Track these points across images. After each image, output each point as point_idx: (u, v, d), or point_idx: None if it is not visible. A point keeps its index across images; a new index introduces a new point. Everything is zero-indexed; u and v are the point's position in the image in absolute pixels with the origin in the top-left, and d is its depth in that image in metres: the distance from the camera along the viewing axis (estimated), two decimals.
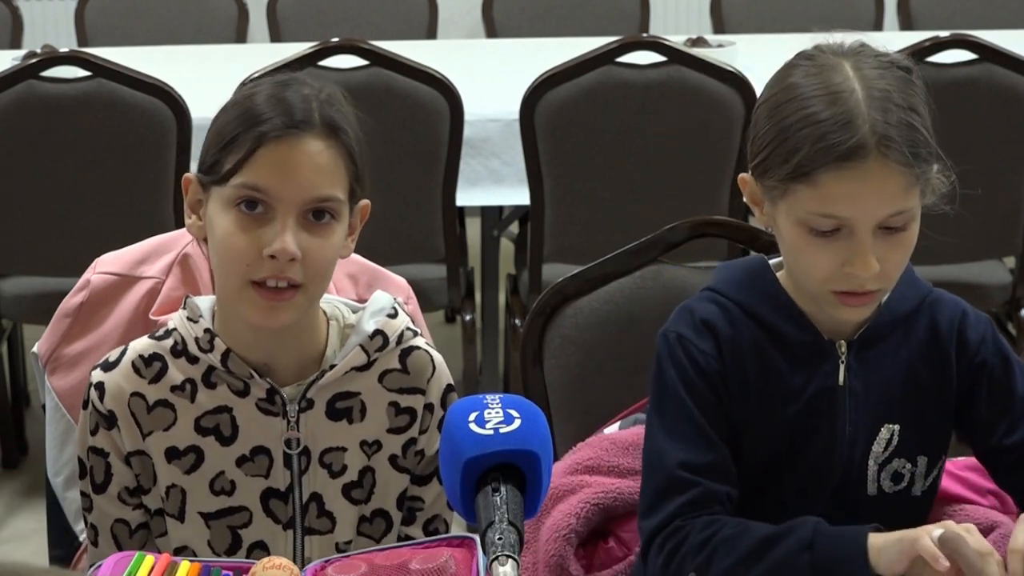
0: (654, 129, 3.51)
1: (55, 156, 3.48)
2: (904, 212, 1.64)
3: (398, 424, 1.83)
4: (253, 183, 1.69)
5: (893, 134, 1.61)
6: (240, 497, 1.80)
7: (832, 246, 1.65)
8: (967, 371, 1.76)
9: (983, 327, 1.77)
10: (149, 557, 1.54)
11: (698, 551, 1.68)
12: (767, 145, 1.67)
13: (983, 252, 3.63)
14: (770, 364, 1.75)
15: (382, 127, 3.47)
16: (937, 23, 4.89)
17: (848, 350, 1.74)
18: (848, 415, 1.74)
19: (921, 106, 1.66)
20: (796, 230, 1.67)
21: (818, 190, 1.63)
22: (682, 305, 1.81)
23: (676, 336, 1.77)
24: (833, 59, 1.68)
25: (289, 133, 1.69)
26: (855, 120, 1.62)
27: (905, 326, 1.76)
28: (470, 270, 3.96)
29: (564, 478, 1.95)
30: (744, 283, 1.79)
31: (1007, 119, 3.48)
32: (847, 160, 1.61)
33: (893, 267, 1.67)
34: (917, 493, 1.78)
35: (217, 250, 1.73)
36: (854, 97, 1.63)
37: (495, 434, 1.34)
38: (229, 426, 1.79)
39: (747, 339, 1.76)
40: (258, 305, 1.70)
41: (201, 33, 5.11)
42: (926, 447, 1.77)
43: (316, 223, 1.71)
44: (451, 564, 1.48)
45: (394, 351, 1.83)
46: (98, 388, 1.79)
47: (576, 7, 5.27)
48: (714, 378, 1.75)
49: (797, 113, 1.65)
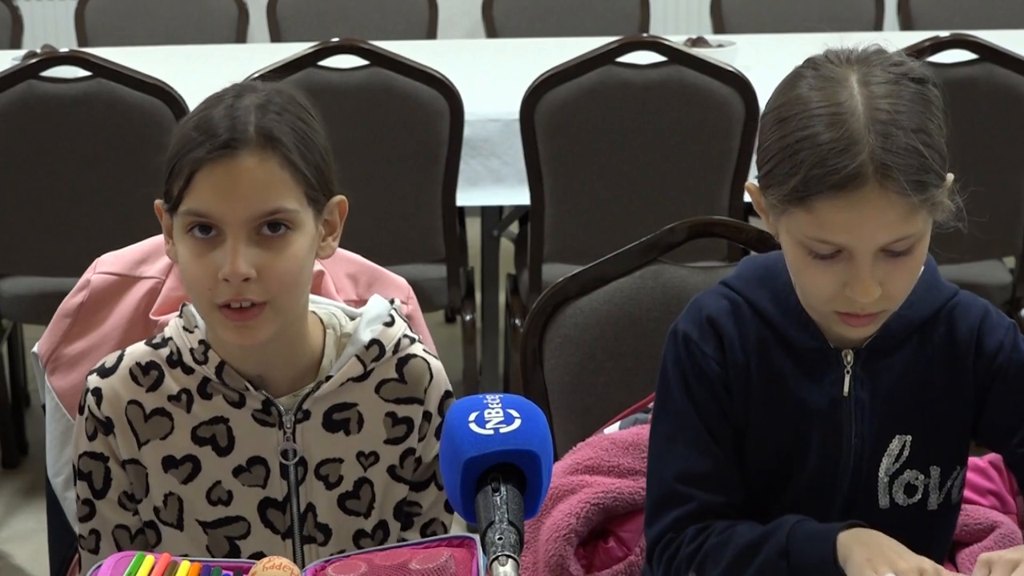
0: (654, 129, 3.51)
1: (55, 156, 3.48)
2: (907, 237, 1.58)
3: (395, 435, 1.83)
4: (197, 209, 1.67)
5: (893, 162, 1.54)
6: (238, 507, 1.80)
7: (832, 269, 1.60)
8: (984, 377, 1.70)
9: (1004, 331, 1.71)
10: (149, 557, 1.54)
11: (690, 561, 1.69)
12: (769, 160, 1.63)
13: (983, 252, 3.63)
14: (775, 366, 1.72)
15: (382, 127, 3.49)
16: (937, 23, 4.89)
17: (855, 359, 1.70)
18: (854, 427, 1.70)
19: (932, 124, 1.59)
20: (797, 250, 1.63)
21: (814, 216, 1.58)
22: (696, 297, 1.78)
23: (682, 336, 1.74)
24: (840, 71, 1.61)
25: (222, 153, 1.66)
26: (853, 146, 1.55)
27: (920, 334, 1.71)
28: (470, 270, 3.96)
29: (564, 478, 1.94)
30: (758, 280, 1.75)
31: (1007, 119, 3.48)
32: (843, 189, 1.55)
33: (898, 289, 1.62)
34: (933, 507, 1.73)
35: (182, 278, 1.73)
36: (855, 120, 1.56)
37: (495, 434, 1.34)
38: (225, 436, 1.78)
39: (753, 338, 1.72)
40: (228, 326, 1.69)
41: (201, 33, 5.11)
42: (939, 457, 1.72)
43: (272, 236, 1.68)
44: (451, 564, 1.48)
45: (391, 360, 1.82)
46: (95, 394, 1.79)
47: (576, 7, 5.27)
48: (716, 384, 1.72)
49: (797, 132, 1.58)
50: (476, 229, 4.05)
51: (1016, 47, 3.54)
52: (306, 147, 1.70)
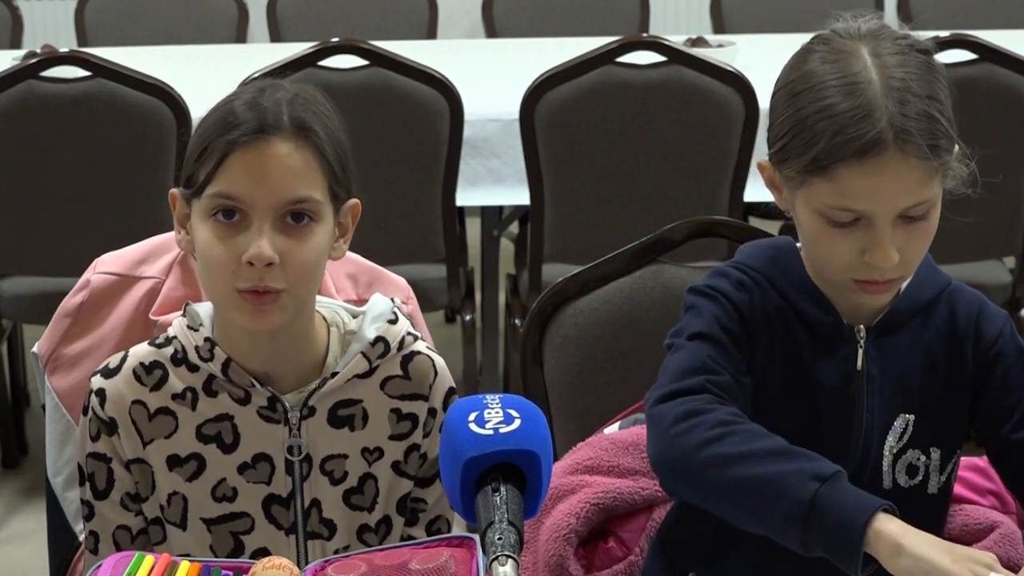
0: (654, 129, 3.51)
1: (55, 156, 3.48)
2: (924, 202, 1.62)
3: (400, 431, 1.83)
4: (226, 192, 1.69)
5: (912, 127, 1.59)
6: (242, 504, 1.80)
7: (851, 236, 1.63)
8: (982, 362, 1.74)
9: (1001, 321, 1.75)
10: (149, 557, 1.54)
11: (715, 426, 1.61)
12: (784, 135, 1.65)
13: (983, 252, 3.64)
14: (791, 339, 1.73)
15: (382, 127, 3.49)
16: (937, 23, 4.88)
17: (867, 335, 1.73)
18: (866, 401, 1.72)
19: (942, 92, 1.64)
20: (815, 220, 1.65)
21: (836, 184, 1.61)
22: (713, 270, 1.78)
23: (710, 286, 1.74)
24: (851, 44, 1.65)
25: (256, 138, 1.68)
26: (873, 113, 1.59)
27: (924, 314, 1.75)
28: (470, 270, 3.96)
29: (564, 478, 1.95)
30: (770, 259, 1.77)
31: (1007, 119, 3.48)
32: (865, 154, 1.59)
33: (914, 255, 1.66)
34: (933, 490, 1.75)
35: (201, 261, 1.73)
36: (872, 88, 1.61)
37: (495, 434, 1.34)
38: (231, 434, 1.79)
39: (774, 308, 1.74)
40: (245, 310, 1.70)
41: (201, 33, 5.11)
42: (939, 439, 1.74)
43: (295, 226, 1.70)
44: (451, 564, 1.48)
45: (395, 357, 1.82)
46: (99, 395, 1.79)
47: (576, 7, 5.28)
48: (746, 325, 1.71)
49: (814, 104, 1.62)
50: (476, 229, 4.05)
51: (1016, 47, 3.55)
52: (334, 142, 1.74)
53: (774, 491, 1.56)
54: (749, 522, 1.62)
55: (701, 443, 1.60)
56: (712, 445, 1.60)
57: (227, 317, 1.75)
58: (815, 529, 1.54)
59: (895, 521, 1.53)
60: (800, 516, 1.54)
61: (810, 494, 1.54)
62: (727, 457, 1.59)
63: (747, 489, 1.58)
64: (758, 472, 1.58)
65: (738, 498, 1.59)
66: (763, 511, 1.58)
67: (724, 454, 1.59)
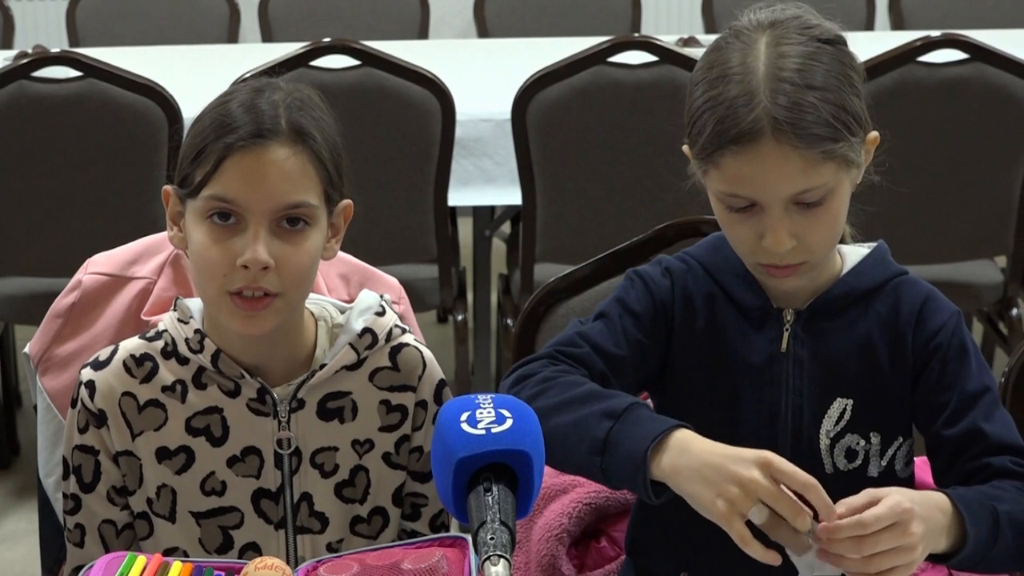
0: (646, 129, 3.51)
1: (46, 156, 3.47)
2: (815, 188, 1.63)
3: (390, 422, 1.84)
4: (222, 194, 1.69)
5: (785, 117, 1.60)
6: (231, 497, 1.81)
7: (749, 222, 1.67)
8: (921, 353, 1.74)
9: (947, 315, 1.75)
10: (141, 558, 1.54)
11: (538, 383, 1.69)
12: (687, 123, 1.70)
13: (974, 251, 3.64)
14: (718, 321, 1.77)
15: (374, 127, 3.49)
16: (928, 23, 4.90)
17: (796, 319, 1.75)
18: (791, 383, 1.74)
19: (839, 82, 1.64)
20: (718, 206, 1.70)
21: (722, 171, 1.65)
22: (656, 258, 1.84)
23: (636, 271, 1.81)
24: (753, 35, 1.67)
25: (254, 142, 1.68)
26: (751, 102, 1.61)
27: (865, 302, 1.76)
28: (462, 270, 3.96)
29: (556, 477, 1.95)
30: (712, 247, 1.82)
31: (998, 119, 3.48)
32: (742, 142, 1.61)
33: (814, 240, 1.67)
34: (874, 474, 1.76)
35: (195, 262, 1.74)
36: (755, 78, 1.63)
37: (487, 434, 1.34)
38: (220, 427, 1.79)
39: (703, 294, 1.78)
40: (237, 315, 1.71)
41: (193, 33, 5.11)
42: (879, 425, 1.75)
43: (290, 230, 1.70)
44: (443, 564, 1.48)
45: (384, 349, 1.83)
46: (88, 387, 1.80)
47: (568, 7, 5.28)
48: (658, 308, 1.77)
49: (706, 94, 1.66)
50: (468, 229, 4.05)
51: (1007, 47, 3.55)
52: (330, 146, 1.74)
53: (577, 436, 1.63)
54: (570, 469, 1.68)
55: (526, 400, 1.60)
56: (534, 401, 1.65)
57: (218, 321, 1.76)
58: (611, 465, 1.60)
59: (675, 447, 1.56)
60: (599, 455, 1.60)
61: (604, 432, 1.61)
62: (544, 409, 1.61)
63: (560, 437, 1.62)
64: (567, 419, 1.64)
65: (555, 447, 1.57)
66: (574, 457, 1.63)
67: (541, 407, 1.61)
